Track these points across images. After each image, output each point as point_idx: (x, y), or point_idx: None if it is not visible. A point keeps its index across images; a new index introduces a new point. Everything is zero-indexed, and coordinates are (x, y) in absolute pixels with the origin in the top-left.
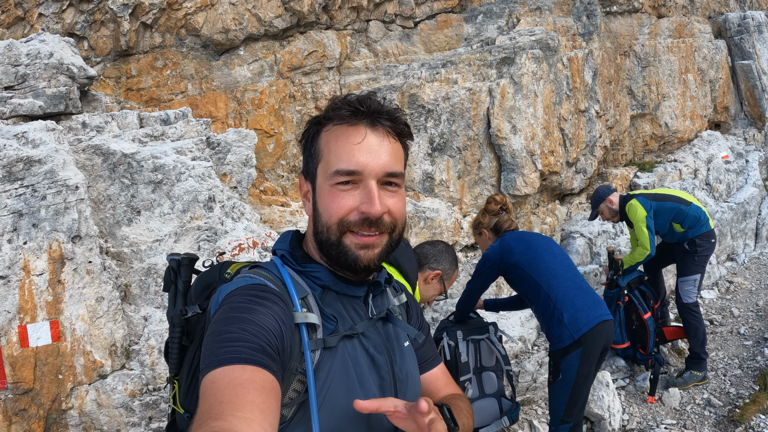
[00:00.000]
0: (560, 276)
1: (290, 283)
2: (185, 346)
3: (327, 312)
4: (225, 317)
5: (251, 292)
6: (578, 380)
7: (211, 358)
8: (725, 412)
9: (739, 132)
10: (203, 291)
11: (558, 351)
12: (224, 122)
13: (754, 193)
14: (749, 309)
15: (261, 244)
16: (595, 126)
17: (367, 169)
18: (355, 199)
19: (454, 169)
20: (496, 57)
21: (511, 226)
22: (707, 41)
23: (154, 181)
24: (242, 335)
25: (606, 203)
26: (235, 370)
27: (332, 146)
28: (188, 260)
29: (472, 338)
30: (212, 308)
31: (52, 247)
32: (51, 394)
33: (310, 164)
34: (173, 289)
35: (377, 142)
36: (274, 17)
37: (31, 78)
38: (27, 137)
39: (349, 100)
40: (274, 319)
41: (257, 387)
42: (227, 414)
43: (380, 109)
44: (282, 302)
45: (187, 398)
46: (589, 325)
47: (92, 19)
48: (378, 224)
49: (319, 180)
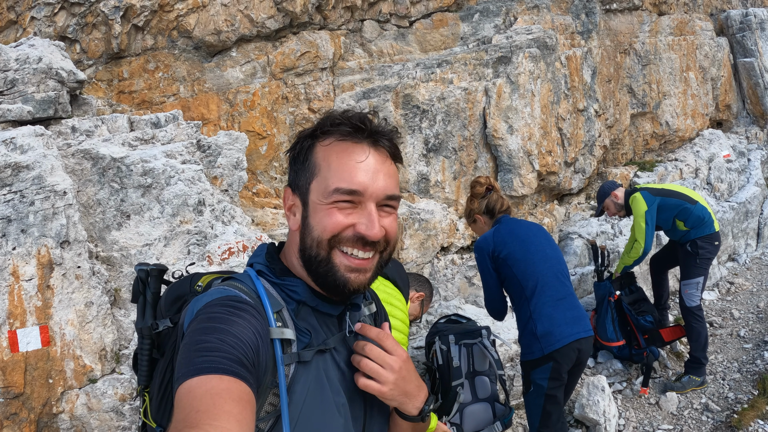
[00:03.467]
0: (546, 284)
1: (265, 296)
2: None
3: (301, 326)
4: (202, 327)
5: (228, 303)
6: (549, 393)
7: (187, 367)
8: (723, 417)
9: (741, 130)
10: (173, 303)
11: (528, 362)
12: (216, 124)
13: (756, 192)
14: (750, 311)
15: (251, 248)
16: (594, 125)
17: (369, 190)
18: (351, 218)
19: (450, 169)
20: (493, 56)
21: (503, 205)
22: (709, 39)
23: (143, 185)
24: (220, 345)
25: (611, 198)
26: (212, 379)
27: (332, 163)
28: (157, 271)
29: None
30: (186, 320)
31: (40, 253)
32: (41, 398)
33: (301, 178)
34: (142, 300)
35: (379, 162)
36: (266, 18)
37: (19, 83)
38: (15, 143)
39: (349, 116)
40: (251, 331)
41: (234, 397)
42: (204, 423)
43: (381, 130)
44: (258, 315)
45: (159, 412)
46: (562, 342)
47: (84, 21)
48: (373, 245)
49: (313, 196)
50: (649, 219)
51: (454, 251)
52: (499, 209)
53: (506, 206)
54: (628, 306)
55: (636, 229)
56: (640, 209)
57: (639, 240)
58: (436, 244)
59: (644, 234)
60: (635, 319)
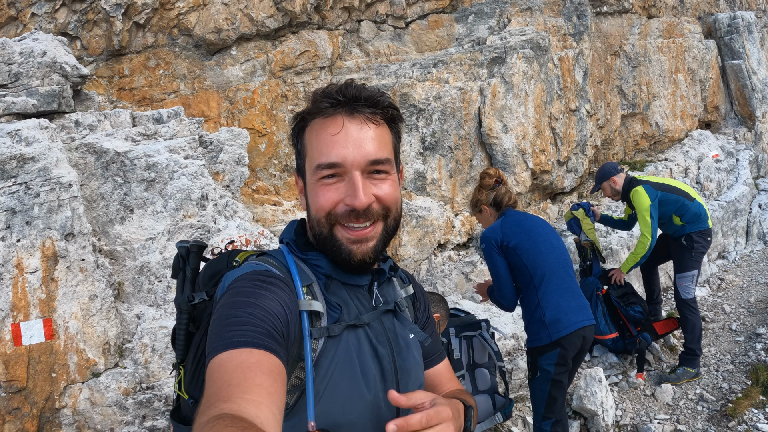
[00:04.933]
0: (553, 273)
1: (295, 270)
2: (192, 332)
3: (332, 300)
4: (231, 301)
5: (257, 277)
6: (555, 379)
7: (218, 341)
8: (718, 406)
9: (729, 131)
10: (211, 278)
11: (535, 349)
12: (216, 122)
13: (745, 191)
14: (741, 306)
15: (254, 242)
16: (586, 125)
17: (348, 160)
18: (340, 192)
19: (446, 168)
20: (487, 57)
21: (510, 199)
22: (697, 41)
23: (146, 180)
24: (249, 319)
25: (610, 182)
26: (243, 353)
27: (313, 141)
28: (197, 247)
29: (464, 335)
30: (219, 294)
31: (45, 245)
32: (44, 392)
33: (299, 161)
34: (181, 275)
35: (356, 130)
36: (266, 17)
37: (24, 76)
38: (20, 135)
39: (329, 92)
40: (279, 304)
41: (265, 370)
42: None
43: (359, 95)
44: (287, 288)
45: (192, 384)
46: (569, 329)
47: (85, 18)
48: (366, 215)
49: (308, 176)
50: (654, 212)
51: (450, 248)
52: (506, 202)
53: (513, 200)
54: (617, 299)
55: (641, 223)
56: (644, 203)
57: (645, 233)
58: (433, 241)
59: (650, 227)
60: (624, 310)
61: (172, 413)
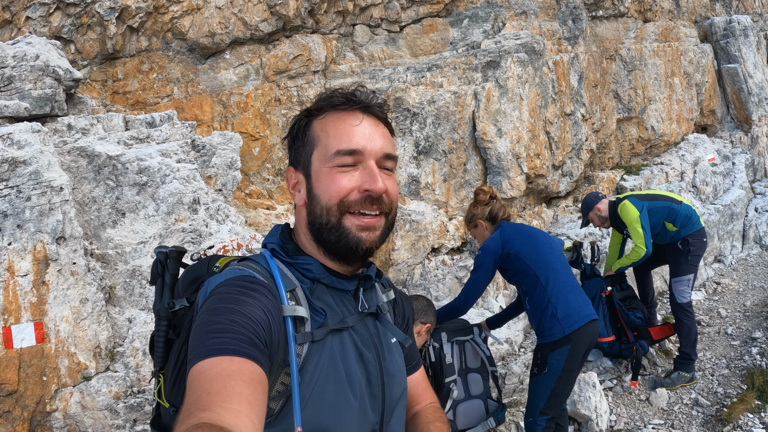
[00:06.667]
0: (557, 271)
1: (278, 275)
2: (171, 339)
3: (316, 305)
4: (213, 308)
5: (240, 283)
6: (563, 375)
7: (198, 348)
8: (713, 411)
9: (725, 135)
10: (191, 284)
11: (547, 344)
12: (210, 125)
13: (741, 195)
14: (737, 309)
15: (246, 246)
16: (581, 129)
17: (367, 149)
18: (355, 179)
19: (440, 172)
20: (482, 61)
21: (505, 212)
22: (693, 45)
23: (138, 183)
24: (230, 326)
25: (595, 212)
26: (223, 361)
27: (330, 130)
28: (176, 253)
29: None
30: (200, 300)
31: (36, 248)
32: (35, 396)
33: (302, 154)
34: (160, 281)
35: (373, 125)
36: (259, 21)
37: (17, 80)
38: (12, 138)
39: (340, 92)
40: (262, 310)
41: (245, 379)
42: (215, 405)
43: (370, 101)
44: (270, 294)
45: (172, 392)
46: (580, 323)
47: (79, 22)
48: (380, 202)
49: (315, 165)
50: (644, 223)
51: (444, 252)
52: (501, 216)
53: (507, 214)
54: (620, 302)
55: (633, 235)
56: (632, 215)
57: (638, 244)
58: (427, 245)
59: (643, 238)
60: (625, 314)
61: (152, 422)
